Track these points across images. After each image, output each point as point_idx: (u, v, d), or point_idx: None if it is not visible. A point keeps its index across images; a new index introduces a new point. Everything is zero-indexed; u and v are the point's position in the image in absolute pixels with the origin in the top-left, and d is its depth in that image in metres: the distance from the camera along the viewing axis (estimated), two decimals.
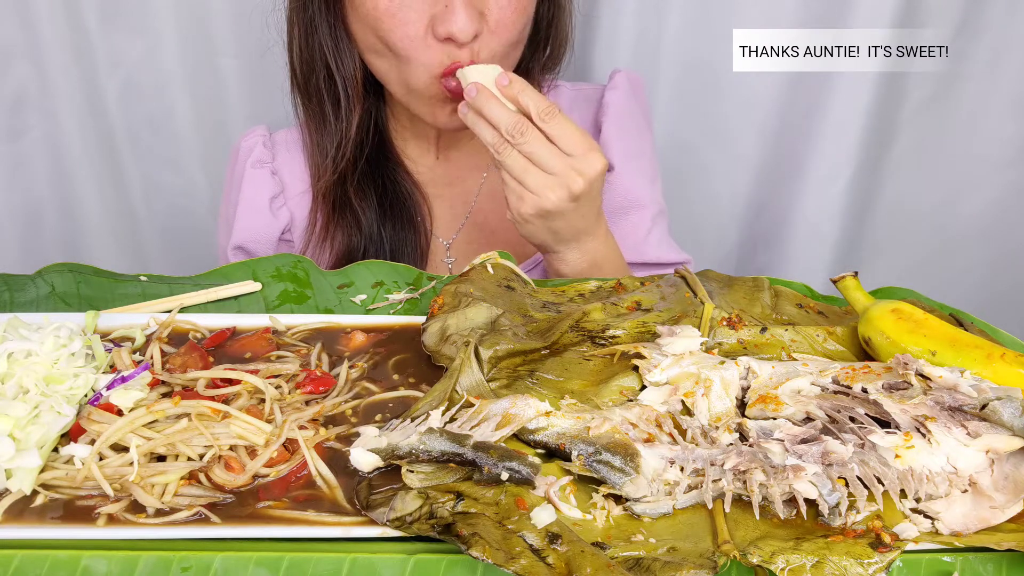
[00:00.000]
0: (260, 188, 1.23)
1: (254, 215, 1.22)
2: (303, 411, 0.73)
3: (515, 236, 1.24)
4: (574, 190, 0.93)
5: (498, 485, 0.64)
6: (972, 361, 0.70)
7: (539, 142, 0.92)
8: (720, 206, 1.62)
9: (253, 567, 0.61)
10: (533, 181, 0.93)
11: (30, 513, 0.65)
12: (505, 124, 0.92)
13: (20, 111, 1.52)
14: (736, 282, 0.89)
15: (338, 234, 1.17)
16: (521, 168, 0.93)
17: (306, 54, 1.11)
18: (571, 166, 0.93)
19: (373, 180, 1.18)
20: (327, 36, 1.08)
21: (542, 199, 0.93)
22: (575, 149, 0.93)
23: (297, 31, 1.11)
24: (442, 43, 0.99)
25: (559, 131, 0.93)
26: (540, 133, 0.92)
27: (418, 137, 1.22)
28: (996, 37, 1.42)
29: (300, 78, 1.14)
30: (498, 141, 0.94)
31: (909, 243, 1.64)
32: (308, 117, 1.18)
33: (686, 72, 1.48)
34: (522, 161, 0.93)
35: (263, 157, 1.24)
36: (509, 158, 0.93)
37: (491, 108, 0.93)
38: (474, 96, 0.94)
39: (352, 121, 1.13)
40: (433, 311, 0.83)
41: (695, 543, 0.61)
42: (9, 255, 1.63)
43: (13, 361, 0.75)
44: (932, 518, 0.63)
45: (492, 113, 0.93)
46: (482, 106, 0.94)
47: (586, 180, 0.93)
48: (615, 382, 0.75)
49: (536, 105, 0.92)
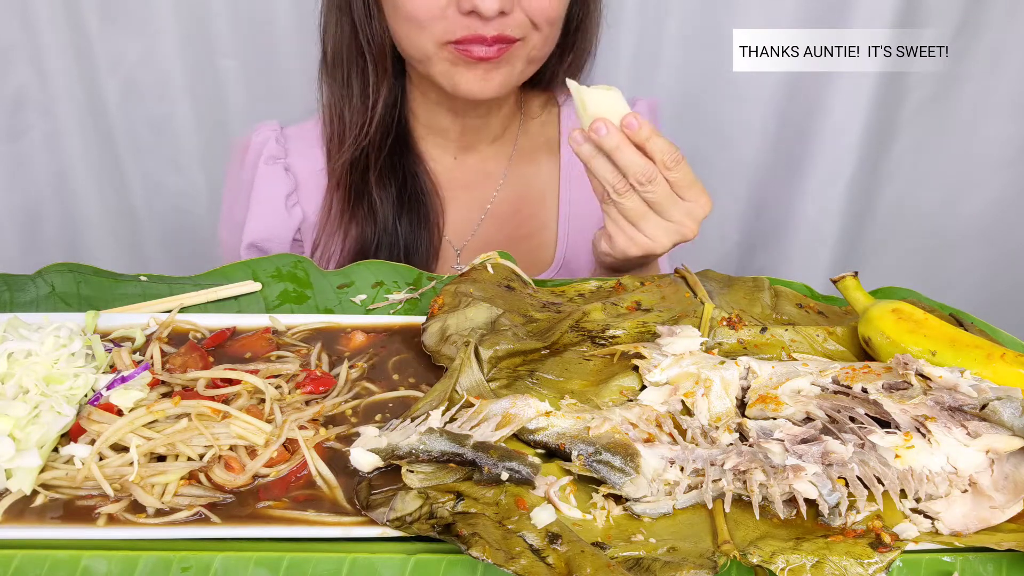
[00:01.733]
0: (274, 185, 1.21)
1: (269, 213, 1.21)
2: (303, 411, 0.73)
3: (530, 250, 1.23)
4: (686, 236, 0.93)
5: (498, 485, 0.64)
6: (972, 361, 0.71)
7: (664, 191, 0.90)
8: (720, 206, 1.61)
9: (253, 567, 0.61)
10: (650, 227, 0.92)
11: (30, 513, 0.65)
12: (635, 171, 0.89)
13: (20, 111, 1.53)
14: (736, 282, 0.89)
15: (352, 226, 1.16)
16: (640, 214, 0.91)
17: (338, 28, 1.11)
18: (687, 212, 0.91)
19: (395, 172, 1.17)
20: (361, 10, 1.08)
21: (655, 244, 0.92)
22: (691, 194, 0.91)
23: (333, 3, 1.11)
24: (465, 16, 0.99)
25: (683, 178, 0.90)
26: (665, 182, 0.90)
27: (437, 136, 1.21)
28: (996, 37, 1.42)
29: (330, 53, 1.13)
30: (620, 184, 0.90)
31: (909, 243, 1.64)
32: (332, 96, 1.16)
33: (686, 72, 1.48)
34: (643, 207, 0.91)
35: (276, 153, 1.22)
36: (630, 201, 0.90)
37: (623, 153, 0.88)
38: (603, 136, 0.88)
39: (380, 92, 1.12)
40: (433, 311, 0.83)
41: (695, 543, 0.61)
42: (9, 255, 1.63)
43: (13, 361, 0.75)
44: (932, 518, 0.63)
45: (623, 158, 0.88)
46: (612, 149, 0.88)
47: (697, 225, 0.92)
48: (615, 382, 0.75)
49: (663, 152, 0.88)
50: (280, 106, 1.27)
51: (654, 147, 0.89)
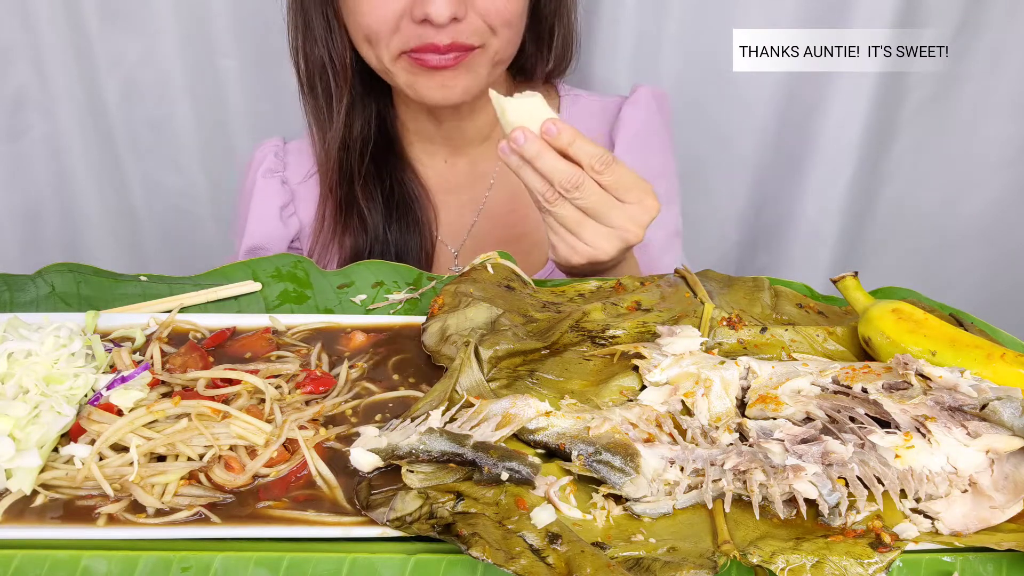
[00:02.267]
0: (270, 197, 1.24)
1: (265, 223, 1.24)
2: (303, 411, 0.73)
3: (525, 248, 1.23)
4: (630, 240, 0.89)
5: (498, 485, 0.64)
6: (972, 361, 0.70)
7: (596, 196, 0.86)
8: (720, 206, 1.62)
9: (253, 567, 0.61)
10: (588, 234, 0.88)
11: (30, 513, 0.65)
12: (559, 179, 0.86)
13: (20, 111, 1.52)
14: (736, 282, 0.89)
15: (346, 237, 1.18)
16: (575, 221, 0.88)
17: (305, 47, 1.13)
18: (628, 217, 0.88)
19: (380, 181, 1.19)
20: (322, 27, 1.09)
21: (596, 251, 0.89)
22: (631, 196, 0.88)
23: (296, 24, 1.13)
24: (418, 25, 0.99)
25: (615, 180, 0.87)
26: (596, 184, 0.86)
27: (424, 140, 1.22)
28: (996, 37, 1.42)
29: (303, 72, 1.15)
30: (549, 192, 0.87)
31: (909, 243, 1.64)
32: (312, 114, 1.18)
33: (686, 72, 1.48)
34: (577, 215, 0.88)
35: (274, 167, 1.25)
36: (562, 210, 0.88)
37: (544, 161, 0.86)
38: (522, 144, 0.86)
39: (342, 107, 1.13)
40: (433, 311, 0.83)
41: (695, 543, 0.61)
42: (9, 255, 1.63)
43: (13, 361, 0.75)
44: (932, 518, 0.63)
45: (544, 166, 0.86)
46: (533, 157, 0.86)
47: (642, 228, 0.89)
48: (615, 382, 0.75)
49: (590, 156, 0.86)
50: (280, 106, 1.27)
51: (579, 151, 0.86)
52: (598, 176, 0.86)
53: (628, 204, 0.88)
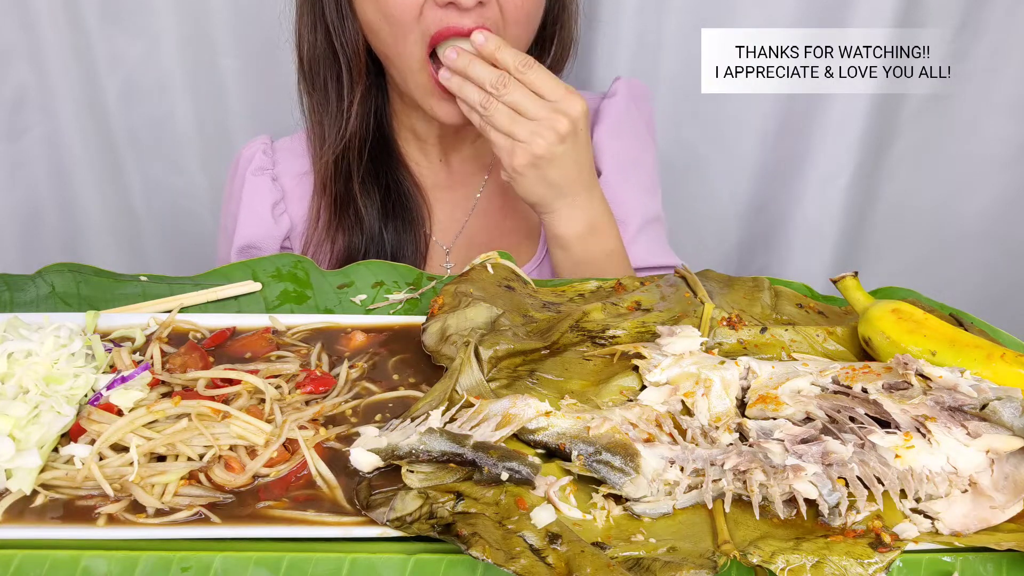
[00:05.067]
0: (261, 195, 1.23)
1: (256, 222, 1.22)
2: (303, 411, 0.73)
3: (515, 242, 1.23)
4: (560, 130, 0.97)
5: (498, 485, 0.64)
6: (972, 361, 0.70)
7: (521, 92, 0.98)
8: (720, 206, 1.62)
9: (253, 567, 0.61)
10: (521, 131, 0.98)
11: (30, 513, 0.65)
12: (488, 79, 0.98)
13: (20, 111, 1.52)
14: (736, 282, 0.89)
15: (339, 235, 1.17)
16: (508, 120, 0.98)
17: (312, 34, 1.12)
18: (554, 109, 0.97)
19: (377, 179, 1.18)
20: (333, 13, 1.09)
21: (532, 145, 0.98)
22: (555, 95, 0.98)
23: (303, 10, 1.12)
24: (442, 8, 1.00)
25: (538, 80, 0.98)
26: (521, 84, 0.98)
27: (419, 139, 1.22)
28: (996, 37, 1.42)
29: (306, 60, 1.14)
30: (484, 98, 0.98)
31: (909, 243, 1.63)
32: (311, 103, 1.17)
33: (686, 72, 1.48)
34: (508, 113, 0.98)
35: (263, 164, 1.24)
36: (496, 112, 0.98)
37: (473, 67, 0.98)
38: (455, 59, 0.99)
39: (355, 99, 1.13)
40: (433, 311, 0.83)
41: (695, 543, 0.61)
42: (9, 255, 1.63)
43: (13, 361, 0.75)
44: (932, 518, 0.63)
45: (474, 71, 0.98)
46: (464, 67, 0.98)
47: (570, 120, 0.98)
48: (615, 382, 0.75)
49: (514, 59, 0.97)
50: (280, 106, 1.27)
51: (504, 56, 0.98)
52: (522, 77, 0.98)
53: (552, 100, 0.98)
